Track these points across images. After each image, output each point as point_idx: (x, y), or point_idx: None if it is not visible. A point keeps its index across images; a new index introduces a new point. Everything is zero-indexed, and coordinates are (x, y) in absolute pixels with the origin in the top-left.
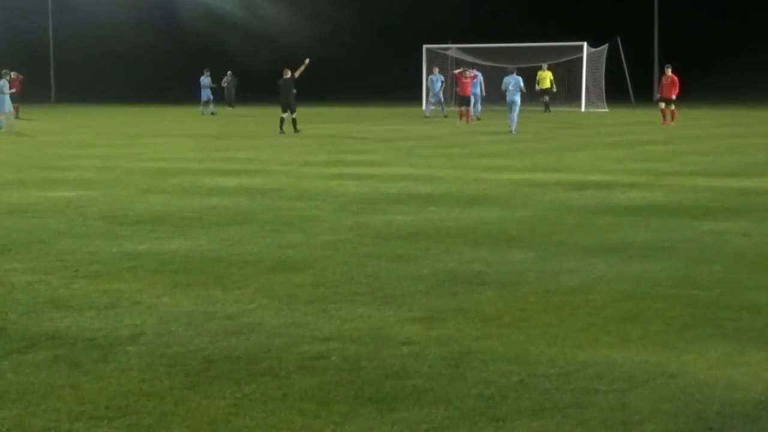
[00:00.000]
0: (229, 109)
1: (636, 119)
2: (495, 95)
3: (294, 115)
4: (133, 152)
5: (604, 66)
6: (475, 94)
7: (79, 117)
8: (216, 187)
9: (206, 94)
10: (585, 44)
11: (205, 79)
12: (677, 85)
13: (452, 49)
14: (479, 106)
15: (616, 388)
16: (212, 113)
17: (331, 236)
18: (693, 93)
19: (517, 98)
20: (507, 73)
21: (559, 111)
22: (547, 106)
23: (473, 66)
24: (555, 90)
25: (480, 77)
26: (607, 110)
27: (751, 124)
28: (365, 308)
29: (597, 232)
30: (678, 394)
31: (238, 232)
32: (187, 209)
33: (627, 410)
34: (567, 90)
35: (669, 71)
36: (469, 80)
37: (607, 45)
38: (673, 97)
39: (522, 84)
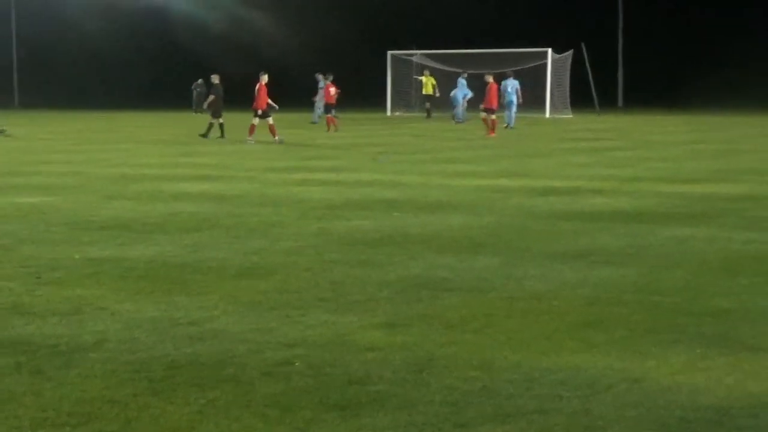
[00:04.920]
0: (193, 114)
1: (600, 125)
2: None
3: (220, 120)
4: (98, 158)
5: (569, 72)
6: (455, 98)
7: (44, 122)
8: (180, 193)
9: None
10: (550, 50)
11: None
12: (496, 93)
13: (417, 55)
14: (460, 111)
15: (580, 394)
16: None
17: (296, 242)
18: (657, 99)
19: (514, 99)
20: (506, 76)
21: (524, 117)
22: (428, 112)
23: (464, 72)
24: (438, 95)
25: (463, 83)
26: (571, 116)
27: (713, 130)
28: (329, 314)
29: (562, 238)
30: (641, 399)
31: (202, 238)
32: (151, 215)
33: (591, 416)
34: (532, 96)
35: (491, 79)
36: (328, 88)
37: (571, 51)
38: (495, 107)
39: (518, 87)
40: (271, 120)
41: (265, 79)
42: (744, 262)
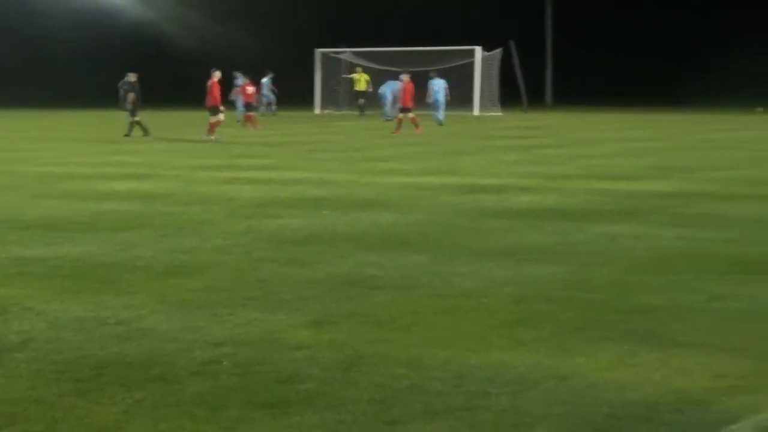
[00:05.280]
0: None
1: (529, 123)
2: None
3: (136, 118)
4: (27, 157)
5: (497, 70)
6: (383, 96)
7: None
8: (109, 191)
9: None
10: (479, 48)
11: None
12: (411, 92)
13: (345, 52)
14: (388, 108)
15: (508, 391)
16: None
17: (224, 241)
18: (586, 98)
19: (441, 97)
20: (430, 77)
21: (453, 115)
22: (362, 109)
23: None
24: (371, 90)
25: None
26: (500, 114)
27: (644, 128)
28: (258, 313)
29: (490, 236)
30: (569, 396)
31: (130, 237)
32: (79, 214)
33: (519, 413)
34: (460, 94)
35: (406, 78)
36: (245, 87)
37: (500, 49)
38: (411, 105)
39: (446, 86)
40: (214, 119)
41: (217, 76)
42: (673, 258)
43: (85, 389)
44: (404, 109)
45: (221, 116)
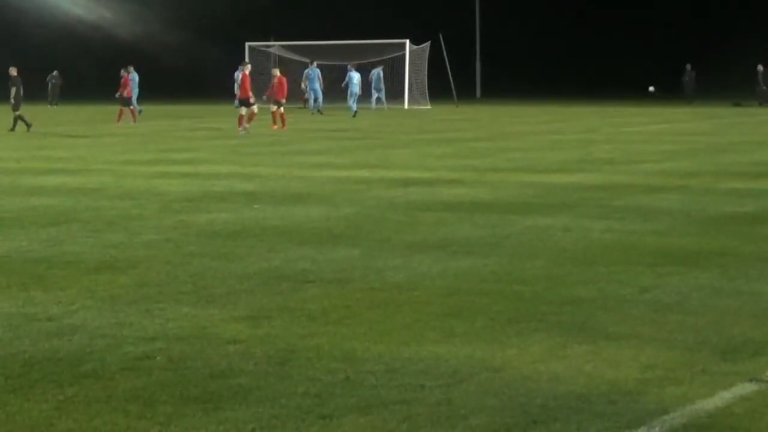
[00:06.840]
0: (49, 106)
1: (458, 116)
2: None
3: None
4: None
5: (426, 63)
6: (314, 90)
7: None
8: (36, 186)
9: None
10: (407, 42)
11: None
12: (285, 86)
13: (275, 46)
14: (320, 102)
15: (442, 384)
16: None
17: (155, 235)
18: (515, 91)
19: (358, 90)
20: (347, 70)
21: (382, 108)
22: (306, 102)
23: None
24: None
25: (318, 72)
26: (429, 107)
27: (571, 120)
28: (190, 307)
29: (421, 229)
30: (503, 388)
31: (59, 232)
32: (6, 209)
33: (453, 405)
34: (390, 88)
35: (278, 72)
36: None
37: (429, 42)
38: (283, 100)
39: (360, 78)
40: (244, 111)
41: (248, 68)
42: (602, 250)
43: (15, 386)
44: (277, 102)
45: (254, 108)
